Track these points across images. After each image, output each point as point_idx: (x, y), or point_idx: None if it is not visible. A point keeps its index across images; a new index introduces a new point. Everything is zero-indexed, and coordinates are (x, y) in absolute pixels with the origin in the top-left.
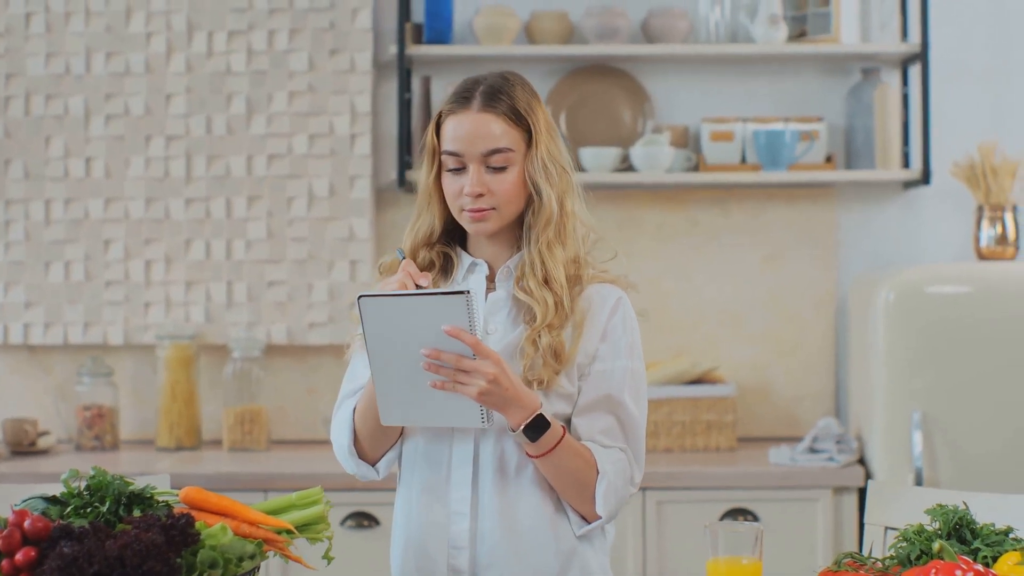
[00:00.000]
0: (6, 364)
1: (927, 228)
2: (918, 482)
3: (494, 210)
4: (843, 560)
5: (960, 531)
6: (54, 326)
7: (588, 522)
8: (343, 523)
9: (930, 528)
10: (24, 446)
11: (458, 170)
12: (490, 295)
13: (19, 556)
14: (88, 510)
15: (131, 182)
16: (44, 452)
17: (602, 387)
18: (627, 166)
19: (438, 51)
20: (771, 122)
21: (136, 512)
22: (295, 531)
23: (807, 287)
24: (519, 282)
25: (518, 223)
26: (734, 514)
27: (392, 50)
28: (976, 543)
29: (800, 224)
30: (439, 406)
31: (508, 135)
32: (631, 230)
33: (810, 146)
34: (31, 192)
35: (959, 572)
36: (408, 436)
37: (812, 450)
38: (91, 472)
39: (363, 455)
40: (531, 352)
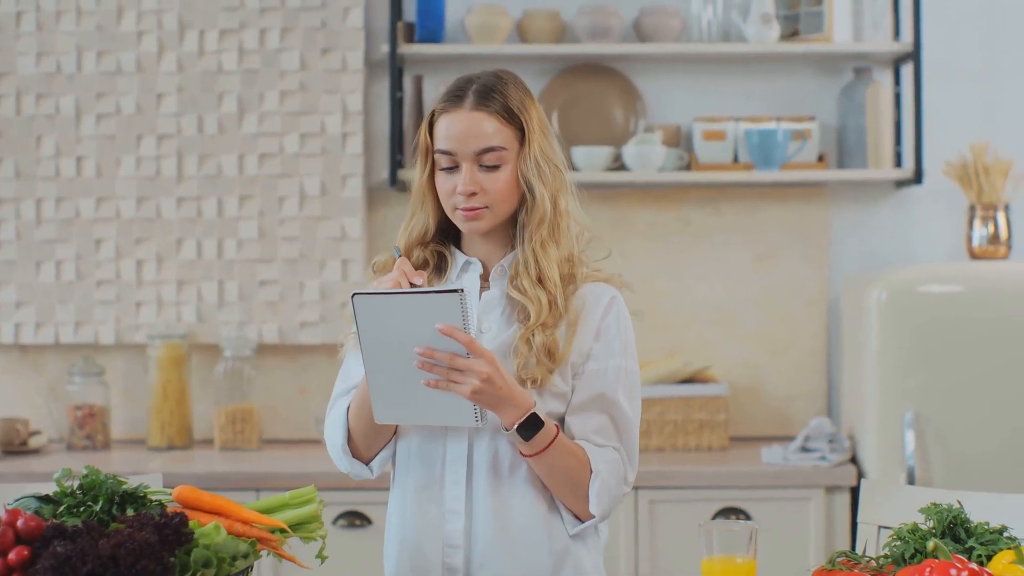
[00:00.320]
0: None
1: (919, 227)
2: (910, 481)
3: (487, 209)
4: (837, 559)
5: (954, 530)
6: (45, 325)
7: (582, 521)
8: (335, 522)
9: (924, 527)
10: (15, 446)
11: (451, 169)
12: (484, 294)
13: (12, 555)
14: (81, 509)
15: (122, 181)
16: (35, 452)
17: (596, 386)
18: (619, 165)
19: (430, 50)
20: (763, 121)
21: (129, 511)
22: (288, 530)
23: (799, 286)
24: (513, 281)
25: (512, 222)
26: (726, 513)
27: (384, 49)
28: (970, 542)
29: (792, 223)
30: (433, 405)
31: (501, 134)
32: (623, 229)
33: (802, 145)
34: (22, 191)
35: (954, 571)
36: (402, 435)
37: (804, 449)
38: (84, 471)
39: (357, 454)
40: (525, 351)
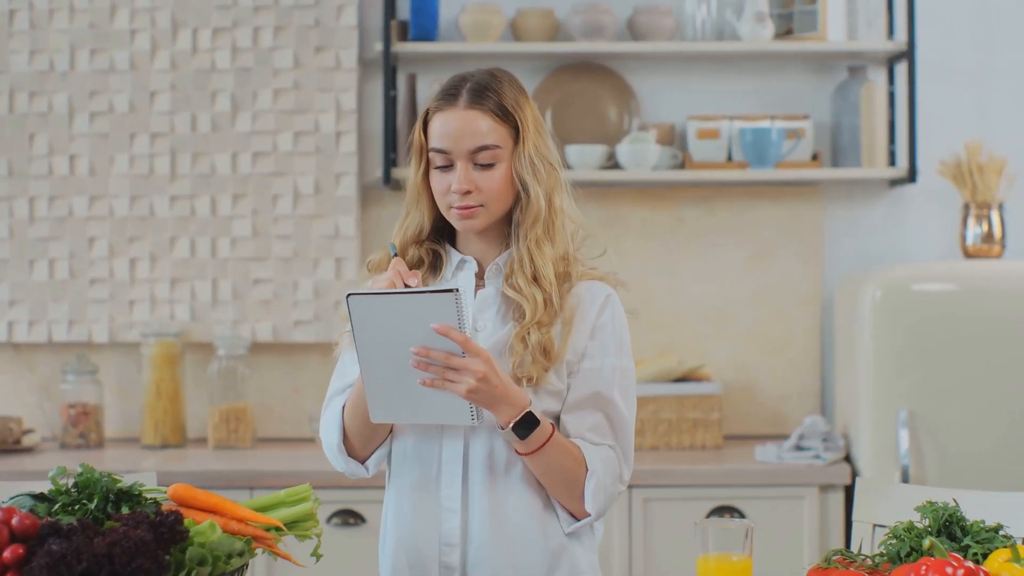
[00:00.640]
0: None
1: (913, 226)
2: (904, 480)
3: (482, 207)
4: (833, 557)
5: (950, 528)
6: (38, 324)
7: (577, 519)
8: (329, 521)
9: (920, 525)
10: (8, 444)
11: (446, 167)
12: (479, 292)
13: (7, 553)
14: (76, 507)
15: (116, 180)
16: (29, 450)
17: (591, 384)
18: (613, 164)
19: (424, 48)
20: (757, 120)
21: (124, 509)
22: (284, 528)
23: (793, 285)
24: (508, 279)
25: (507, 220)
26: (720, 512)
27: (377, 47)
28: (966, 540)
29: (786, 222)
30: (428, 404)
31: (495, 132)
32: (617, 228)
33: (796, 144)
34: (15, 190)
35: (949, 569)
36: (398, 434)
37: (798, 448)
38: (79, 469)
39: (353, 453)
40: (520, 349)
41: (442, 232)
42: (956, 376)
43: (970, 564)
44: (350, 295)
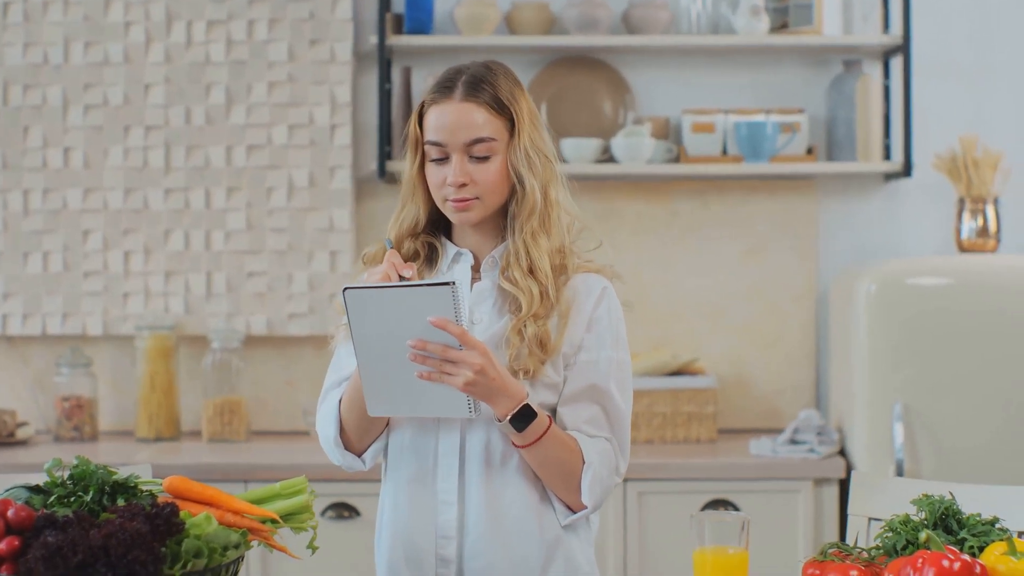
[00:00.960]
0: None
1: (908, 220)
2: (899, 473)
3: (478, 199)
4: (829, 550)
5: (946, 521)
6: (32, 317)
7: (574, 512)
8: (323, 514)
9: (916, 518)
10: (2, 437)
11: (441, 160)
12: (475, 285)
13: (3, 545)
14: (72, 499)
15: (110, 172)
16: (23, 443)
17: (588, 377)
18: (608, 157)
19: (418, 41)
20: (752, 114)
21: (120, 501)
22: (280, 520)
23: (788, 279)
24: (504, 272)
25: (503, 213)
26: (715, 505)
27: (372, 40)
28: (962, 533)
29: (781, 216)
30: (426, 397)
31: (491, 124)
32: (612, 221)
33: (791, 138)
34: (9, 182)
35: (946, 562)
36: (394, 428)
37: (793, 442)
38: (74, 461)
39: (349, 446)
40: (517, 342)
41: (438, 225)
42: (951, 370)
43: (966, 557)
44: (346, 289)
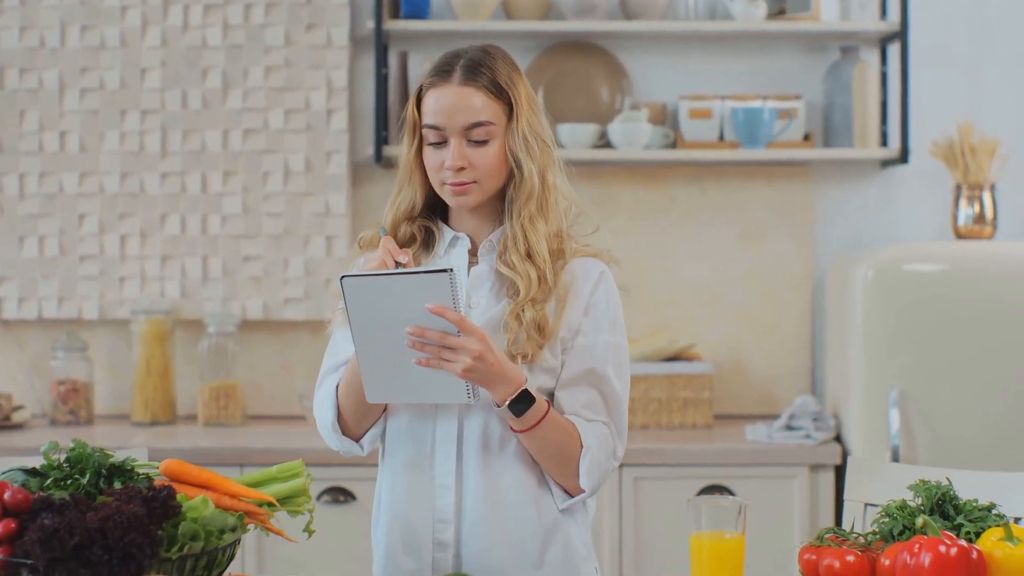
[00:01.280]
0: None
1: (905, 207)
2: (895, 460)
3: (475, 183)
4: (825, 535)
5: (943, 507)
6: (28, 300)
7: (571, 496)
8: (319, 498)
9: (913, 504)
10: None
11: (439, 144)
12: (473, 269)
13: None
14: (68, 482)
15: (106, 156)
16: (19, 426)
17: (585, 361)
18: (604, 143)
19: (415, 26)
20: (749, 100)
21: (117, 484)
22: (276, 504)
23: (785, 265)
24: (502, 256)
25: (500, 197)
26: (711, 491)
27: (369, 25)
28: (959, 519)
29: (778, 202)
30: (424, 383)
31: (489, 108)
32: (608, 207)
33: (788, 124)
34: (5, 166)
35: (943, 547)
36: (392, 413)
37: (789, 428)
38: (71, 444)
39: (347, 431)
40: (514, 326)
41: (434, 209)
42: (947, 356)
43: (963, 543)
44: (344, 277)
